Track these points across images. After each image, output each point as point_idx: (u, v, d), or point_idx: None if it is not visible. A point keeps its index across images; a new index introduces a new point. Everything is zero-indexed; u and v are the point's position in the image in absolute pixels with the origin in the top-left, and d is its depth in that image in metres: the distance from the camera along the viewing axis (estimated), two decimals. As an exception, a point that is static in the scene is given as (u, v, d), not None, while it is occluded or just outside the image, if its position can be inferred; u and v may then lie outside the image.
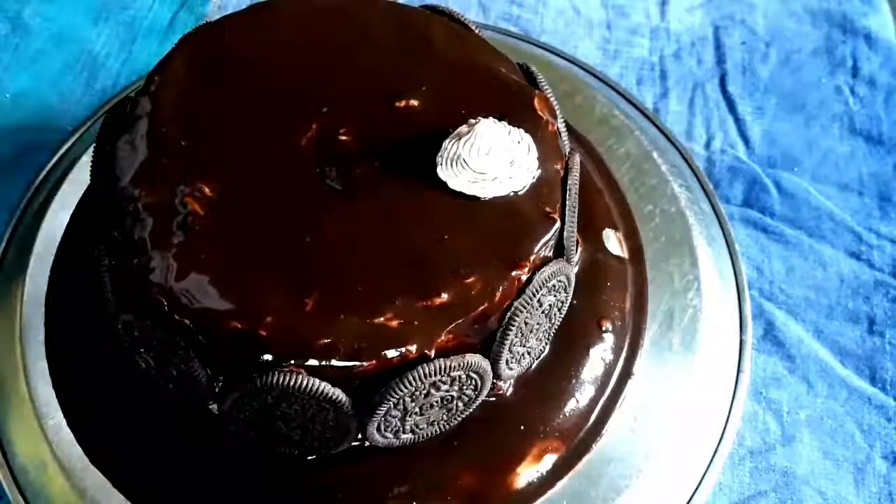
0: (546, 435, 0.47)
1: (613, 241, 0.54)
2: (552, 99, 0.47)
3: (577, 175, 0.44)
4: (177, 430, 0.47)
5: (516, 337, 0.42)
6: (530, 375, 0.48)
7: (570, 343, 0.49)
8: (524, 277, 0.41)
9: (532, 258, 0.41)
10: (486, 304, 0.39)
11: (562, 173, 0.44)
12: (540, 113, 0.45)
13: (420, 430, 0.43)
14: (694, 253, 0.55)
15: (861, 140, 0.65)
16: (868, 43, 0.70)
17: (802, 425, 0.54)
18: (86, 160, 0.57)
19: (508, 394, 0.47)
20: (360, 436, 0.42)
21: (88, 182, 0.46)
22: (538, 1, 0.72)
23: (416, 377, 0.38)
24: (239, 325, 0.38)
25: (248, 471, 0.46)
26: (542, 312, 0.43)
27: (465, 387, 0.41)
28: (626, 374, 0.50)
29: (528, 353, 0.45)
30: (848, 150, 0.65)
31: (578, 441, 0.48)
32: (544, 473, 0.47)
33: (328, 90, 0.45)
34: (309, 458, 0.45)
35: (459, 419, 0.44)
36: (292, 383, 0.38)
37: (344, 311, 0.38)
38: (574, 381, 0.49)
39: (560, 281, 0.43)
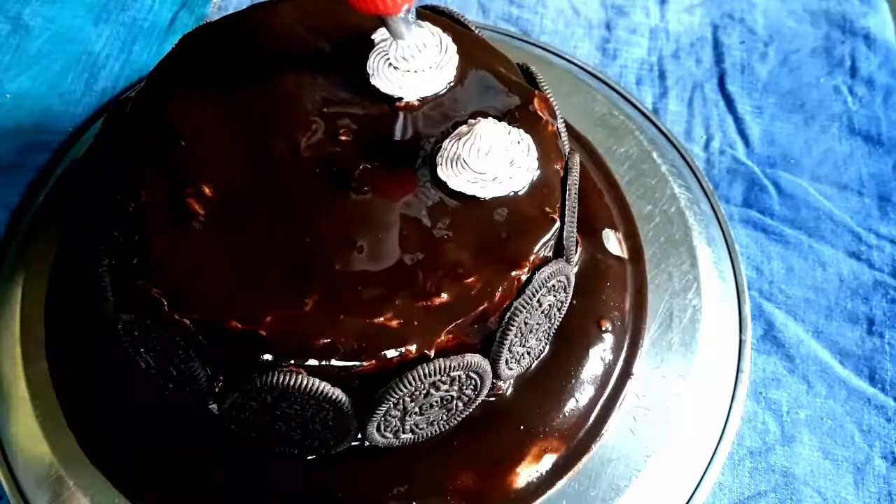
0: (546, 435, 0.47)
1: (613, 241, 0.54)
2: (552, 99, 0.47)
3: (577, 175, 0.45)
4: (177, 429, 0.47)
5: (516, 337, 0.42)
6: (530, 375, 0.48)
7: (569, 343, 0.49)
8: (524, 277, 0.41)
9: (532, 258, 0.41)
10: (485, 304, 0.40)
11: (561, 173, 0.44)
12: (540, 113, 0.45)
13: (420, 429, 0.43)
14: (694, 253, 0.55)
15: (860, 140, 0.65)
16: (867, 43, 0.70)
17: (802, 425, 0.54)
18: (86, 160, 0.57)
19: (508, 394, 0.47)
20: (360, 436, 0.42)
21: (88, 182, 0.46)
22: (538, 1, 0.72)
23: (416, 377, 0.38)
24: (239, 325, 0.38)
25: (247, 471, 0.46)
26: (542, 312, 0.43)
27: (464, 387, 0.41)
28: (626, 374, 0.50)
29: (528, 353, 0.45)
30: (847, 150, 0.65)
31: (578, 441, 0.48)
32: (544, 473, 0.47)
33: (328, 90, 0.45)
34: (309, 458, 0.45)
35: (459, 419, 0.44)
36: (292, 383, 0.38)
37: (344, 311, 0.39)
38: (574, 380, 0.49)
39: (560, 281, 0.43)
